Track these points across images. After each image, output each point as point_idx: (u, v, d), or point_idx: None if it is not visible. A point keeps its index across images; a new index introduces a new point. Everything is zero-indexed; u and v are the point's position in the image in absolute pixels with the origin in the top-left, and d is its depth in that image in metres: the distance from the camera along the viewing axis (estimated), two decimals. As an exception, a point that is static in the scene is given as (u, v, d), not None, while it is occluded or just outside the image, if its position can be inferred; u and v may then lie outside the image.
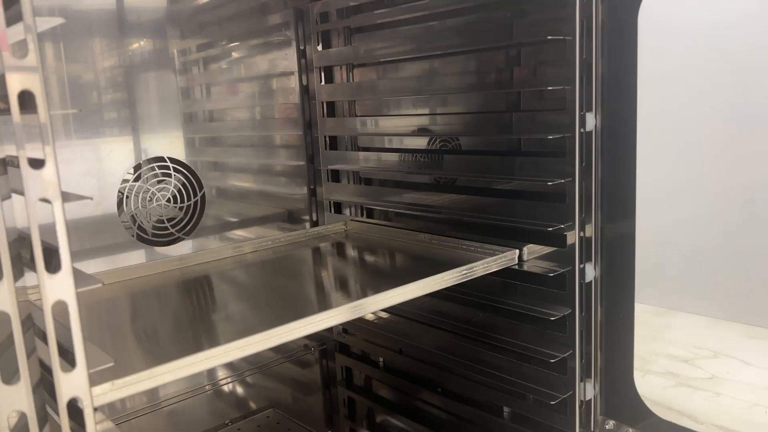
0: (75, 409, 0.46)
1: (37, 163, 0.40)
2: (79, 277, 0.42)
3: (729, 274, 1.69)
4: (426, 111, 1.04)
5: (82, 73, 0.93)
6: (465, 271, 0.81)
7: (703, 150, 1.73)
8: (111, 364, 0.45)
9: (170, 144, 1.04)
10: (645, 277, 0.85)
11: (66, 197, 0.41)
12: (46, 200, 0.40)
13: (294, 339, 0.68)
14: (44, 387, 0.49)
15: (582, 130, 0.81)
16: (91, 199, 0.89)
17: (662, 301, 1.80)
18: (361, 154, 1.12)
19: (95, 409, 0.50)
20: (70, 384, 0.41)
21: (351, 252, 1.00)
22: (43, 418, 0.43)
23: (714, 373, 1.40)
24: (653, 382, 1.34)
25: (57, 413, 0.44)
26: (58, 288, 0.40)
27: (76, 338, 0.40)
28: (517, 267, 0.88)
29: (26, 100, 0.40)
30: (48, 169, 0.39)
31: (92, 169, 0.94)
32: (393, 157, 1.09)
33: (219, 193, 1.11)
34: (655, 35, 1.77)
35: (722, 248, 1.70)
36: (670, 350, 1.54)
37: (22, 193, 0.40)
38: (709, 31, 1.74)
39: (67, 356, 0.43)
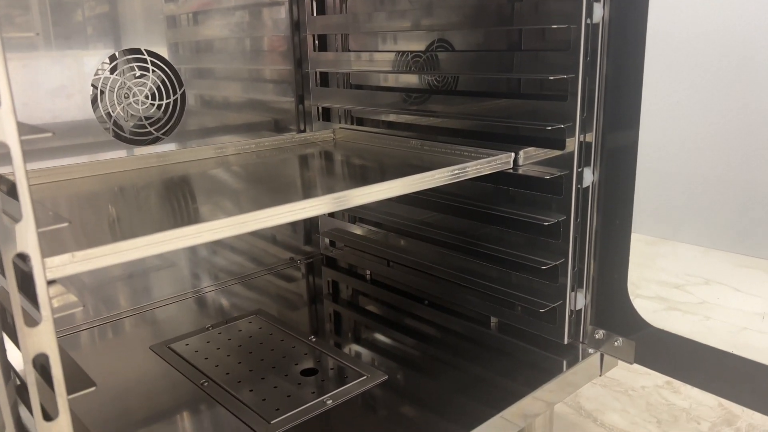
0: (27, 279, 0.43)
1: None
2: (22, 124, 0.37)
3: (723, 204, 1.67)
4: (422, 5, 0.98)
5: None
6: (456, 171, 0.77)
7: (706, 77, 1.67)
8: (66, 224, 0.41)
9: (149, 40, 0.97)
10: (638, 206, 0.82)
11: None
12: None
13: (276, 242, 0.64)
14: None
15: (588, 21, 0.75)
16: (38, 34, 0.83)
17: (655, 230, 1.78)
18: (353, 55, 1.06)
19: (53, 281, 0.46)
20: (17, 236, 0.37)
21: (338, 157, 0.95)
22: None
23: (704, 299, 1.39)
24: (643, 305, 1.33)
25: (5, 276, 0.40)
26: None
27: (20, 184, 0.36)
28: (512, 171, 0.84)
29: None
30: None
31: (63, 57, 0.88)
32: (387, 58, 1.03)
33: (200, 100, 1.05)
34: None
35: (716, 178, 1.67)
36: (662, 277, 1.52)
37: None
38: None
39: (15, 211, 0.39)
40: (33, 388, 0.39)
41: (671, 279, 1.50)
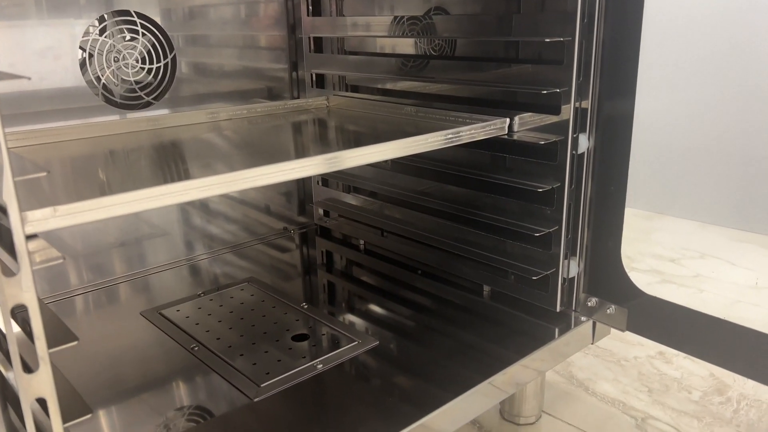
0: (10, 239, 0.42)
1: None
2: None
3: (720, 178, 1.66)
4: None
5: None
6: (450, 136, 0.76)
7: (702, 49, 1.65)
8: (44, 173, 0.40)
9: (140, 2, 0.95)
10: (634, 181, 0.81)
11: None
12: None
13: (268, 195, 0.63)
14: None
15: (587, -18, 0.73)
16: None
17: (651, 205, 1.78)
18: (348, 20, 1.04)
19: (34, 236, 0.46)
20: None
21: (332, 123, 0.94)
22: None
23: (699, 272, 1.39)
24: (638, 278, 1.32)
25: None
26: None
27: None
28: (506, 137, 0.82)
29: None
30: None
31: (50, 17, 0.86)
32: (383, 23, 1.01)
33: (192, 66, 1.03)
34: None
35: (713, 152, 1.66)
36: (657, 250, 1.52)
37: None
38: None
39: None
40: (12, 339, 0.38)
41: (666, 253, 1.50)
